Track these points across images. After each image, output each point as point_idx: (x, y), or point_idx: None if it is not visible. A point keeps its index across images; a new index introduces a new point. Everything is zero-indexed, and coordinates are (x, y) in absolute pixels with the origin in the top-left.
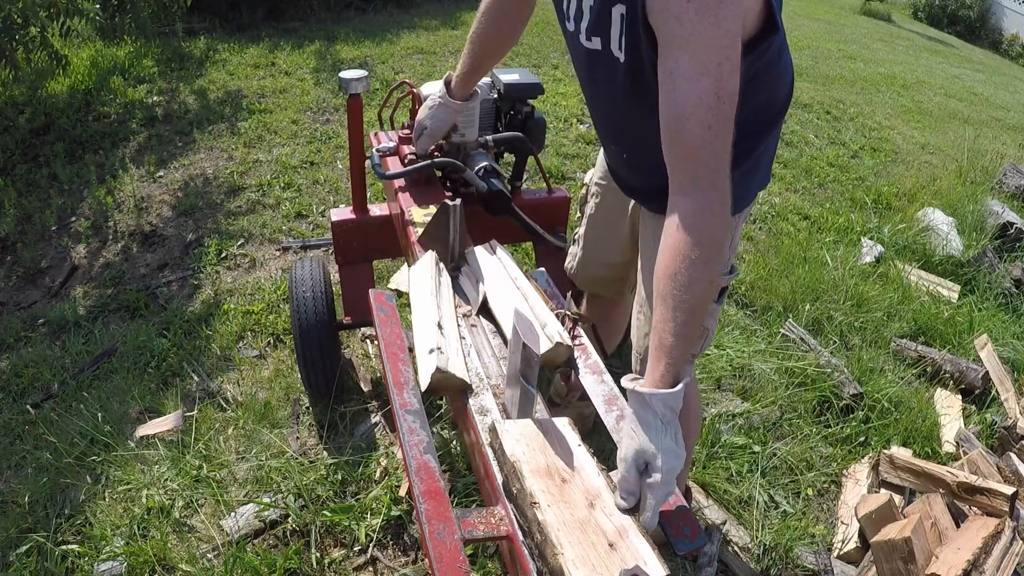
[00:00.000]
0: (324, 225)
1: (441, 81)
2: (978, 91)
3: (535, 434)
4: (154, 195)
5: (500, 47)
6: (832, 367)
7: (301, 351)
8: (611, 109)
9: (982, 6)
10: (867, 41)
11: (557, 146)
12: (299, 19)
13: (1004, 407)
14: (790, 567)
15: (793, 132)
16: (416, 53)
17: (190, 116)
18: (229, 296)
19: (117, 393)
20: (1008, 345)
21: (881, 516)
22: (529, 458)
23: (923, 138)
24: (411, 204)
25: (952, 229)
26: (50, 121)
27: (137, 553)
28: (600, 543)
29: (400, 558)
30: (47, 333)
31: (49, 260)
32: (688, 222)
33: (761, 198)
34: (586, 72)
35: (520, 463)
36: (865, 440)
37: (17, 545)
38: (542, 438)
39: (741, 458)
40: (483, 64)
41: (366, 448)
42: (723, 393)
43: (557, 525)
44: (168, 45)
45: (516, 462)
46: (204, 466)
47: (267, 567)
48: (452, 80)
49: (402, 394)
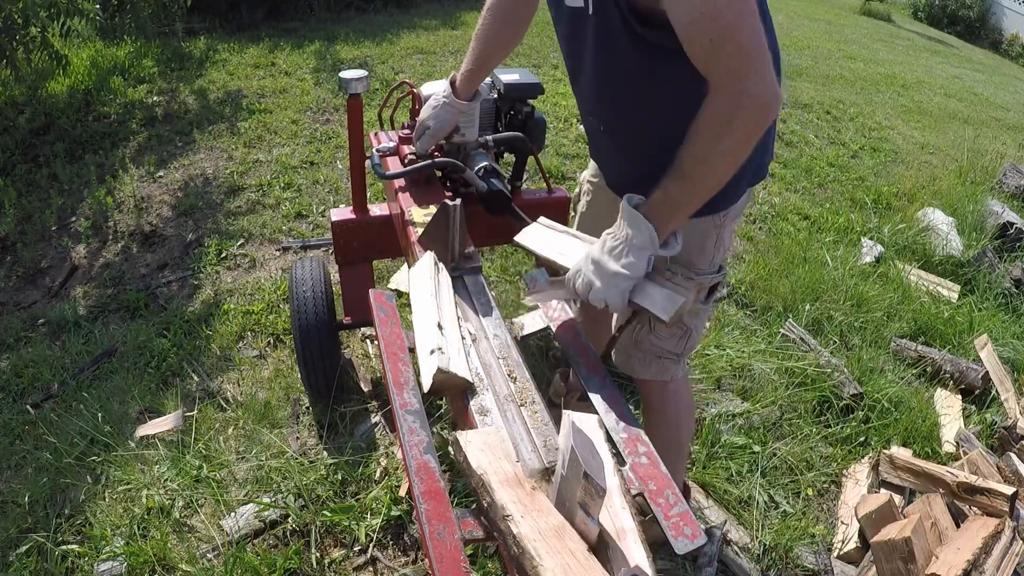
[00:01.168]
0: (324, 225)
1: (445, 81)
2: (978, 91)
3: (499, 442)
4: (154, 195)
5: (506, 45)
6: (832, 367)
7: (301, 351)
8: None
9: (982, 6)
10: (867, 41)
11: (557, 146)
12: (299, 19)
13: (1004, 407)
14: (790, 567)
15: (793, 132)
16: (416, 53)
17: (190, 116)
18: (229, 296)
19: (117, 393)
20: (1008, 345)
21: (881, 516)
22: (496, 468)
23: (923, 138)
24: (411, 204)
25: (952, 229)
26: (50, 121)
27: (137, 553)
28: (578, 549)
29: (400, 558)
30: (47, 333)
31: (49, 260)
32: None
33: (761, 198)
34: (567, 33)
35: (487, 475)
36: (865, 440)
37: (17, 545)
38: (508, 446)
39: (741, 458)
40: (488, 63)
41: (366, 448)
42: (723, 393)
43: (533, 536)
44: (168, 45)
45: (483, 474)
46: (204, 466)
47: (267, 567)
48: (456, 80)
49: (402, 394)
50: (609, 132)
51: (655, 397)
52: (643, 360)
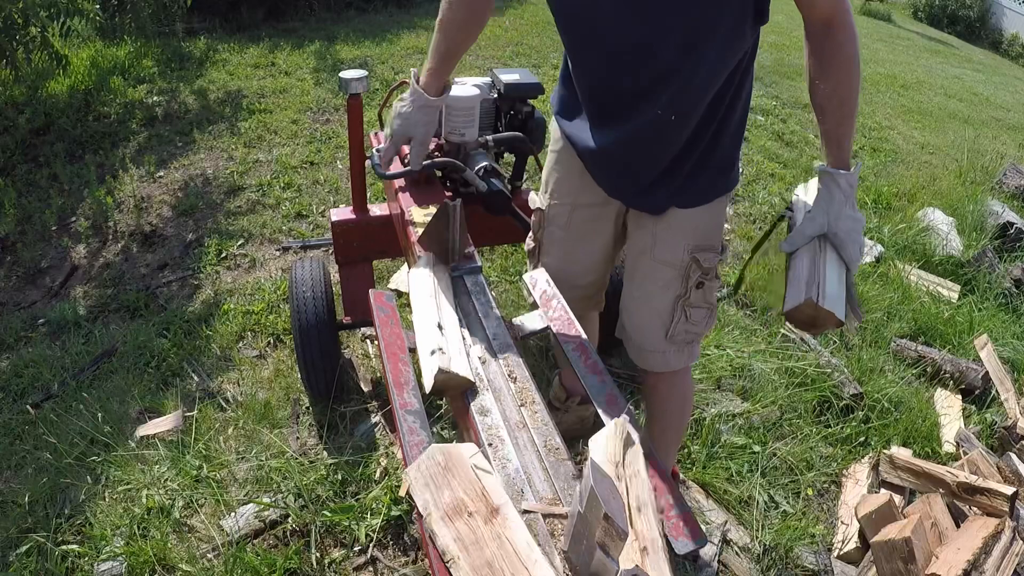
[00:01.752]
0: (324, 225)
1: (411, 82)
2: (978, 91)
3: (439, 471)
4: (154, 195)
5: (472, 32)
6: (832, 367)
7: (301, 351)
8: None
9: (982, 6)
10: (867, 41)
11: None
12: (299, 19)
13: (1004, 407)
14: (790, 567)
15: (793, 132)
16: (416, 53)
17: (190, 116)
18: (229, 296)
19: (117, 393)
20: (1008, 345)
21: (881, 516)
22: (438, 500)
23: (923, 138)
24: (411, 204)
25: (952, 229)
26: (50, 121)
27: (137, 553)
28: None
29: (400, 558)
30: (47, 333)
31: (49, 260)
32: (850, 45)
33: (761, 198)
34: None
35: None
36: (865, 440)
37: (17, 545)
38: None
39: (741, 458)
40: (456, 52)
41: (366, 448)
42: (723, 393)
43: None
44: (168, 45)
45: (428, 516)
46: (204, 466)
47: (267, 567)
48: (421, 77)
49: (402, 394)
50: (677, 116)
51: (674, 382)
52: (678, 351)
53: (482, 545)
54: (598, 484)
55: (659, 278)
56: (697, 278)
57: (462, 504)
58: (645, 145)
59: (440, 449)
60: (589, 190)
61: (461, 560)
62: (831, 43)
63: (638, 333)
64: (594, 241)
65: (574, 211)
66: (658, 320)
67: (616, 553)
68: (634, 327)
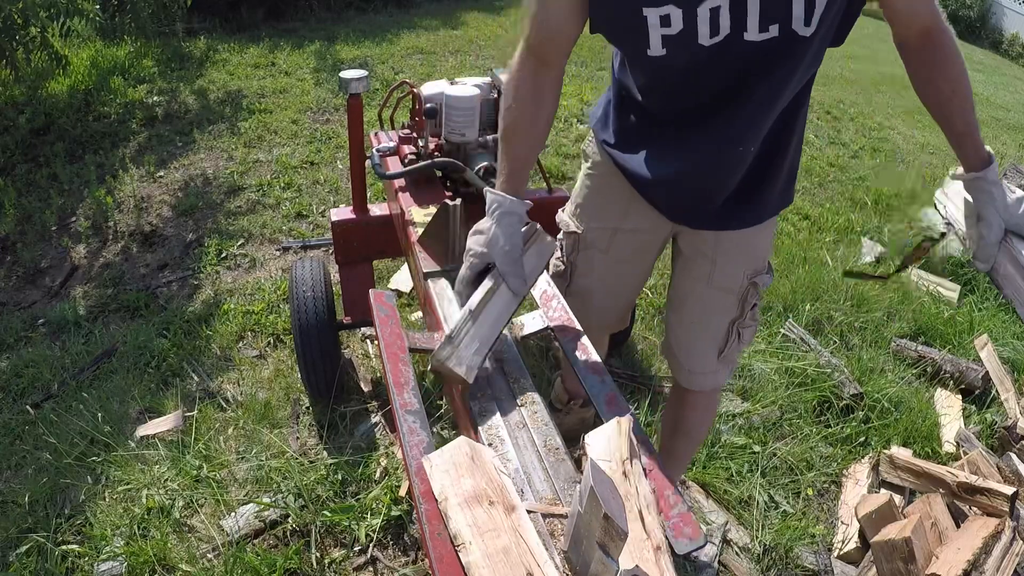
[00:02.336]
0: (324, 225)
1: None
2: (978, 91)
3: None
4: (154, 195)
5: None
6: (832, 367)
7: (301, 351)
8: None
9: (982, 6)
10: (867, 41)
11: (557, 146)
12: (299, 19)
13: (1004, 407)
14: (790, 567)
15: None
16: (416, 53)
17: (190, 116)
18: (229, 296)
19: (117, 393)
20: (1008, 345)
21: (881, 516)
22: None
23: (923, 138)
24: (411, 204)
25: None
26: (50, 121)
27: (137, 553)
28: None
29: (400, 558)
30: (47, 333)
31: (49, 260)
32: (953, 43)
33: None
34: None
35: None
36: (865, 440)
37: (17, 545)
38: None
39: (741, 458)
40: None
41: (366, 448)
42: (723, 393)
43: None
44: (168, 45)
45: (444, 500)
46: (204, 466)
47: (267, 567)
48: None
49: (402, 394)
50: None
51: (712, 397)
52: (726, 368)
53: (499, 532)
54: (598, 484)
55: (718, 306)
56: (754, 301)
57: (483, 493)
58: (726, 171)
59: (468, 441)
60: (636, 215)
61: (473, 545)
62: (939, 50)
63: (690, 359)
64: (636, 264)
65: (616, 235)
66: (712, 344)
67: (616, 553)
68: (686, 353)
